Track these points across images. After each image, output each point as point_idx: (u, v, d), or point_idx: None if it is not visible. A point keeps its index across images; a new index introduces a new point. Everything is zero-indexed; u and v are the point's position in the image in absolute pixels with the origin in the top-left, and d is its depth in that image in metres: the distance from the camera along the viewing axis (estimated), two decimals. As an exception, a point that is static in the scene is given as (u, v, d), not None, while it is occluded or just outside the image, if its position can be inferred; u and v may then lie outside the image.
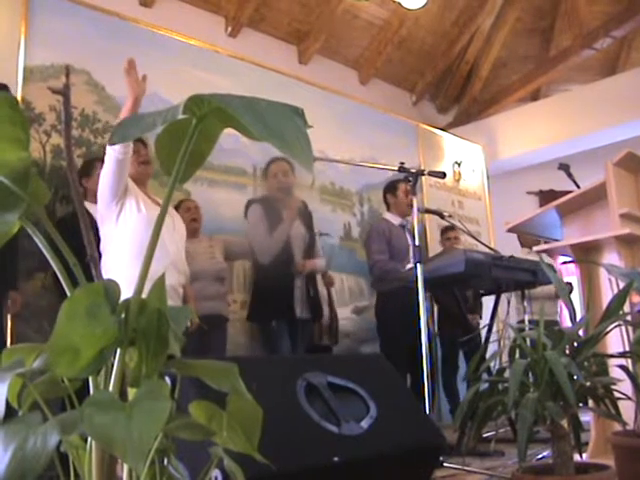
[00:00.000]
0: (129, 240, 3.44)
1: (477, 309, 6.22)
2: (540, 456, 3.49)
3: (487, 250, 4.85)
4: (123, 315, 1.03)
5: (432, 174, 4.07)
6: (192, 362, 1.14)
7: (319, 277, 5.19)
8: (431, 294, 6.31)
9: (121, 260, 3.38)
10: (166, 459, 1.10)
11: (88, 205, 4.11)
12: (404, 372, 4.07)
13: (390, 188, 5.66)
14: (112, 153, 3.44)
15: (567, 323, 7.49)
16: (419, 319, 3.70)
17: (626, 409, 2.15)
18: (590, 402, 2.13)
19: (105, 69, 4.89)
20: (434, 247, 6.91)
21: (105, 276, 3.23)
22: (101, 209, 3.58)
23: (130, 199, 3.55)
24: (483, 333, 4.98)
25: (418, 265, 3.77)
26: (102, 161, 4.22)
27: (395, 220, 5.55)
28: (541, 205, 8.50)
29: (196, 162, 1.16)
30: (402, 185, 5.38)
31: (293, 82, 6.37)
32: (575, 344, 2.07)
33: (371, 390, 2.63)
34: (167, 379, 1.24)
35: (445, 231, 6.64)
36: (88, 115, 4.74)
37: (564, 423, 1.95)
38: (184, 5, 6.31)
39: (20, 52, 4.46)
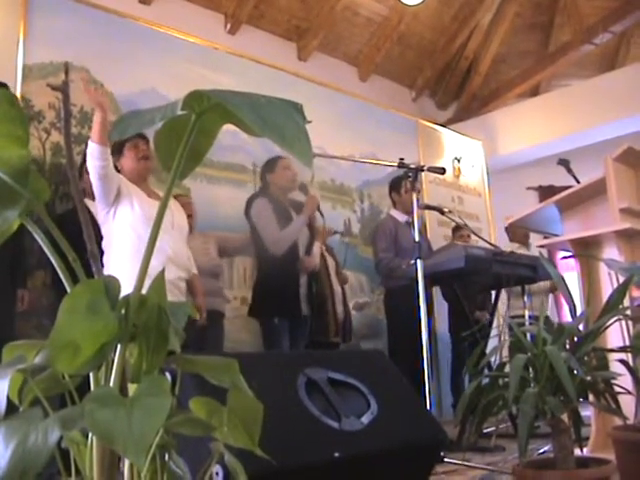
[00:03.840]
0: (126, 238, 3.50)
1: (486, 305, 6.21)
2: (541, 451, 3.50)
3: (487, 246, 4.86)
4: (123, 311, 1.03)
5: (432, 170, 4.07)
6: (192, 358, 1.14)
7: (334, 275, 5.22)
8: (441, 291, 6.38)
9: (120, 258, 3.44)
10: (167, 455, 1.10)
11: (88, 202, 4.12)
12: (410, 367, 4.05)
13: (395, 186, 5.66)
14: (93, 171, 3.47)
15: (558, 318, 7.53)
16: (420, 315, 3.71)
17: (626, 403, 2.15)
18: (590, 396, 2.14)
19: (104, 66, 4.89)
20: (434, 243, 6.91)
21: (106, 274, 3.24)
22: (99, 213, 3.66)
23: (124, 202, 3.61)
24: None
25: (418, 261, 3.77)
26: None
27: (401, 217, 5.55)
28: (541, 200, 8.49)
29: (195, 158, 1.16)
30: (406, 182, 5.38)
31: (293, 79, 6.37)
32: (575, 339, 2.08)
33: (372, 386, 2.63)
34: (167, 375, 1.25)
35: (457, 229, 6.63)
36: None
37: (564, 418, 1.96)
38: (183, 2, 6.30)
39: (19, 50, 4.46)
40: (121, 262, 3.40)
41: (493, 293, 5.35)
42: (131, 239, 3.48)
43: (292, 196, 4.90)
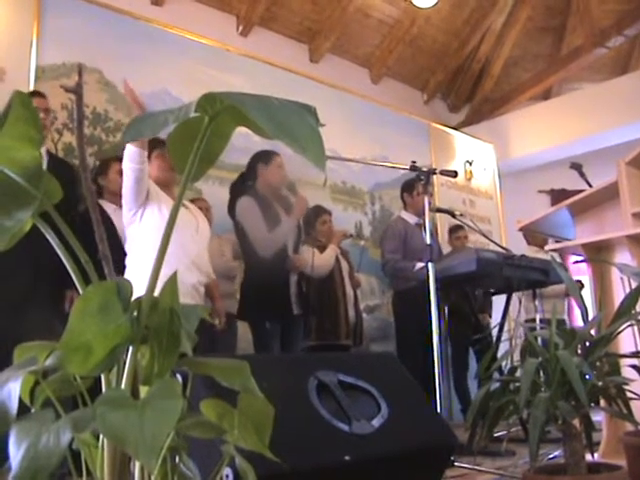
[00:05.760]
0: (152, 242, 3.47)
1: (486, 308, 6.20)
2: (552, 456, 3.48)
3: (499, 249, 4.84)
4: (135, 313, 1.03)
5: (444, 173, 4.05)
6: (204, 360, 1.14)
7: (347, 278, 5.21)
8: (441, 293, 6.36)
9: (144, 261, 3.41)
10: (178, 457, 1.10)
11: (105, 203, 4.11)
12: (418, 370, 4.01)
13: (407, 187, 5.65)
14: (130, 173, 3.45)
15: (576, 322, 7.51)
16: (431, 318, 3.69)
17: (638, 409, 2.14)
18: (602, 402, 2.12)
19: (117, 68, 4.91)
20: (445, 246, 6.90)
21: (129, 276, 3.23)
22: (125, 214, 3.63)
23: (152, 205, 3.58)
24: (493, 332, 4.98)
25: (430, 264, 3.76)
26: (118, 159, 4.20)
27: (411, 219, 5.54)
28: (553, 204, 8.46)
29: (208, 160, 1.16)
30: (419, 185, 5.35)
31: (304, 81, 6.38)
32: (587, 343, 2.07)
33: (382, 389, 2.62)
34: (179, 377, 1.25)
35: (454, 230, 6.61)
36: (100, 114, 4.76)
37: (576, 423, 1.95)
38: (195, 4, 6.32)
39: (32, 51, 4.49)
40: (145, 266, 3.35)
41: (499, 296, 5.32)
42: (155, 244, 3.43)
43: (280, 194, 4.73)
